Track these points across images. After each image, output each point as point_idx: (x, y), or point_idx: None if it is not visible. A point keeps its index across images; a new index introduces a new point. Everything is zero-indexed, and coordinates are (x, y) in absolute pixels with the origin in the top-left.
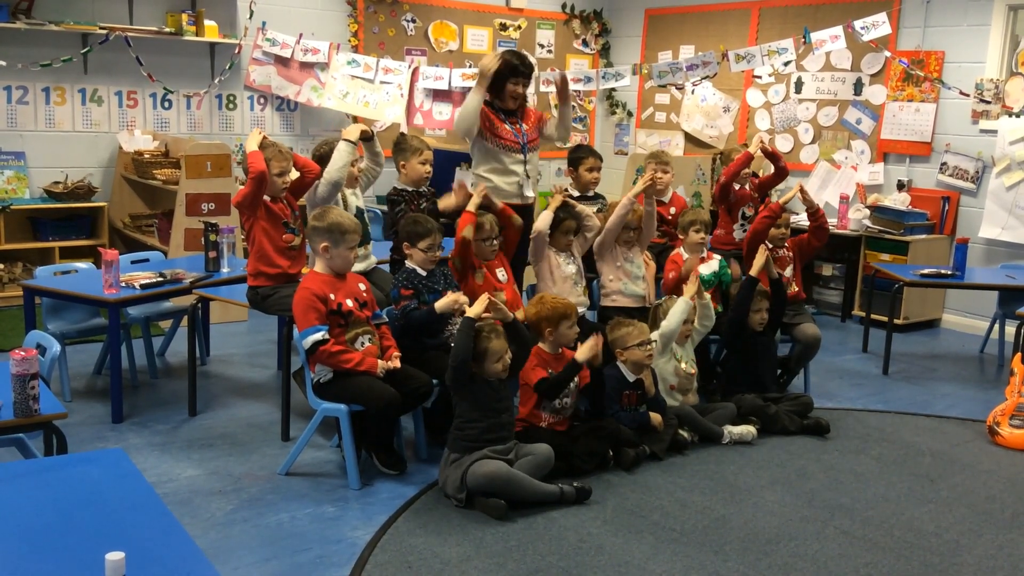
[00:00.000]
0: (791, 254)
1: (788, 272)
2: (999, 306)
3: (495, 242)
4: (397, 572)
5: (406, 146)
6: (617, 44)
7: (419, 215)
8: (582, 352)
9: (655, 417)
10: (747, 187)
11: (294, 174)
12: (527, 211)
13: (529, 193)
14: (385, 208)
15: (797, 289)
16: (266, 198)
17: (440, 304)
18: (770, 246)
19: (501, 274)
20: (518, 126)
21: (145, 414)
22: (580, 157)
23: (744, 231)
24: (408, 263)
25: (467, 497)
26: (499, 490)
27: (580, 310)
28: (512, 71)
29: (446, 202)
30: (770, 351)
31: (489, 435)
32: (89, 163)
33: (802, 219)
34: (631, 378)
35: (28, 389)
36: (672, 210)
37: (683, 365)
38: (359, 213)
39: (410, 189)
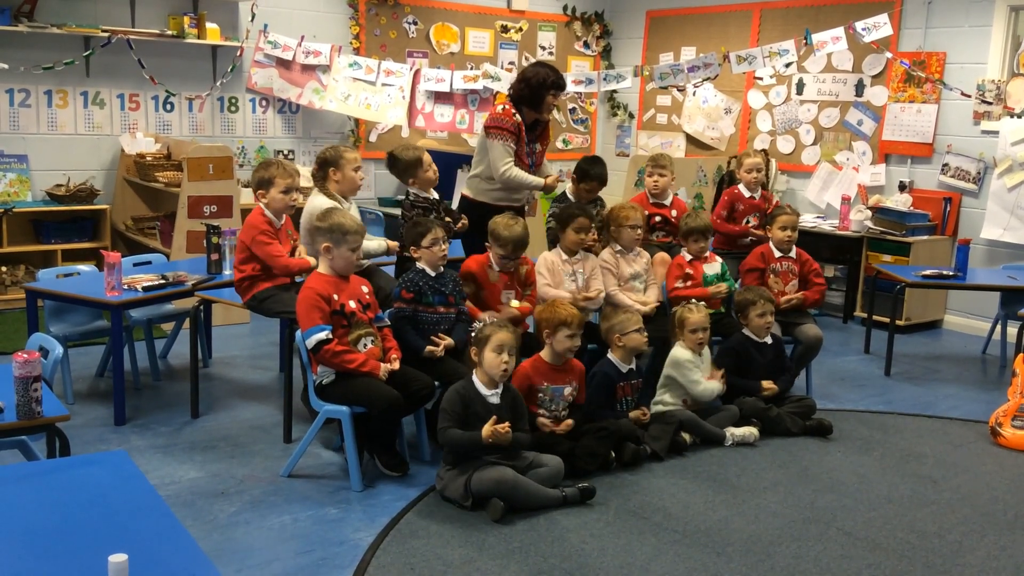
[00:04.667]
0: (795, 268)
1: (791, 287)
2: (1001, 307)
3: (507, 260)
4: (399, 574)
5: (406, 164)
6: (618, 46)
7: (417, 218)
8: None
9: (634, 415)
10: (757, 197)
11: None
12: (519, 212)
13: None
14: (386, 211)
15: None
16: (270, 216)
17: (427, 350)
18: (777, 254)
19: (506, 296)
20: (532, 146)
21: (148, 416)
22: (585, 176)
23: (748, 239)
24: (419, 264)
25: (473, 501)
26: (505, 495)
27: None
28: (554, 85)
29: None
30: (769, 356)
31: (488, 452)
32: (91, 166)
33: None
34: (624, 368)
35: (31, 391)
36: (673, 212)
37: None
38: None
39: (424, 196)
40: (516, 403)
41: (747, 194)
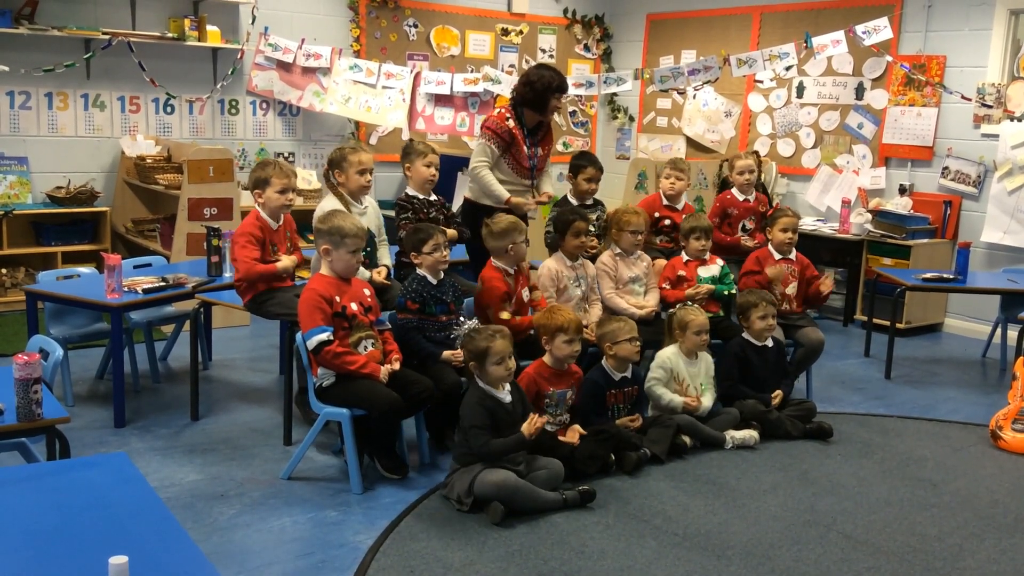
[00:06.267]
0: (796, 269)
1: (791, 290)
2: (1001, 310)
3: (525, 244)
4: None
5: (411, 150)
6: (619, 49)
7: (418, 224)
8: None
9: (622, 421)
10: (751, 200)
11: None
12: (521, 216)
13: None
14: (385, 213)
15: (796, 307)
16: (266, 219)
17: (445, 355)
18: (777, 256)
19: (526, 294)
20: (534, 149)
21: (147, 418)
22: (580, 166)
23: (740, 250)
24: (419, 271)
25: (473, 503)
26: (506, 499)
27: None
28: (558, 88)
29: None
30: (770, 359)
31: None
32: (92, 168)
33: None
34: (616, 376)
35: (31, 393)
36: (684, 216)
37: (689, 398)
38: (370, 238)
39: (420, 197)
40: (523, 395)
41: (740, 197)
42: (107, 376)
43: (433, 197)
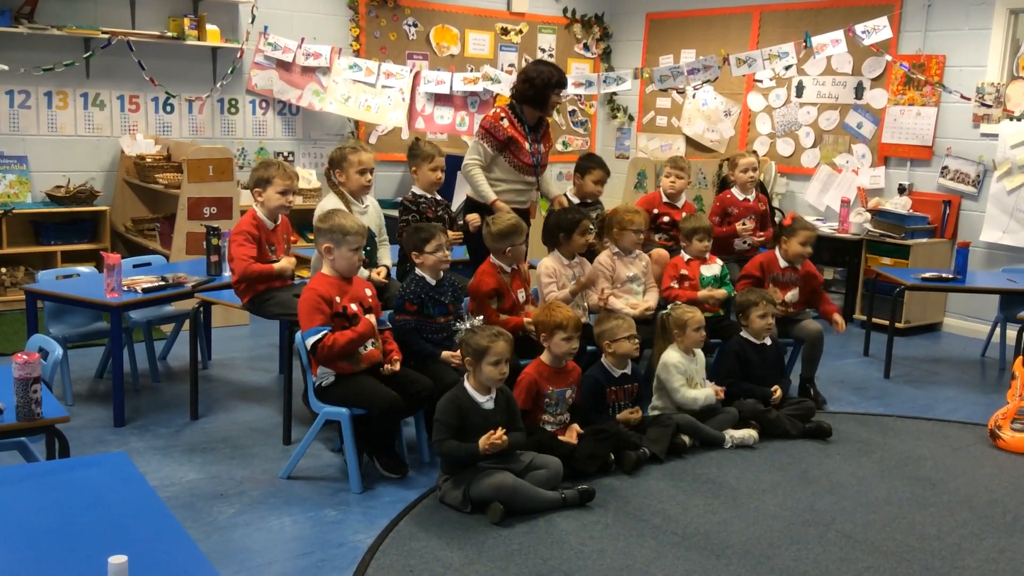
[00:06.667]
0: (796, 276)
1: (790, 297)
2: (1000, 310)
3: (523, 246)
4: None
5: (418, 152)
6: (618, 48)
7: (419, 223)
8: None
9: (623, 415)
10: (751, 199)
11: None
12: (524, 213)
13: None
14: (385, 212)
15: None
16: (262, 218)
17: (444, 355)
18: (783, 264)
19: (521, 295)
20: (536, 146)
21: (147, 418)
22: (588, 167)
23: (744, 242)
24: (418, 271)
25: (473, 507)
26: (505, 499)
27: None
28: (558, 83)
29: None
30: (769, 358)
31: (484, 460)
32: (91, 167)
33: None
34: (616, 373)
35: (30, 393)
36: (684, 215)
37: (717, 388)
38: (371, 237)
39: (427, 196)
40: (509, 404)
41: (741, 197)
42: (107, 375)
43: (438, 197)
